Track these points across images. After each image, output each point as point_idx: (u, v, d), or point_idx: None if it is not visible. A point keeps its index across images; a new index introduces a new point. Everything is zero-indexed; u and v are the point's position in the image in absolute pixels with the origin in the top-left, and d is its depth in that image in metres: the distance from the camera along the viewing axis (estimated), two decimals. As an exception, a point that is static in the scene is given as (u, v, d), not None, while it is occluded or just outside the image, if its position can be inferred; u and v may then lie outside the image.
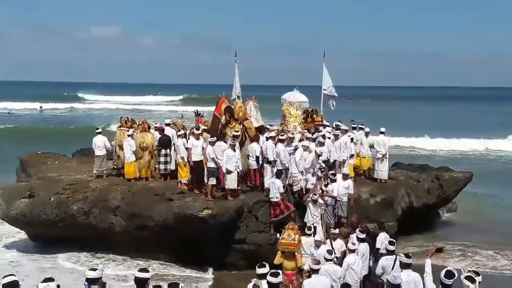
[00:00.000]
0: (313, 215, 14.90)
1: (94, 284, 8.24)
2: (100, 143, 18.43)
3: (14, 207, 17.10)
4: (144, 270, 8.15)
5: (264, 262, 9.41)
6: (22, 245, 18.24)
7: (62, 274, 14.96)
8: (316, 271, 10.11)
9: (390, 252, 11.38)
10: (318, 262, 10.46)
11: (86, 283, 8.27)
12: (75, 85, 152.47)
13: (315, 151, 16.14)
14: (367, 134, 18.85)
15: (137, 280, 7.92)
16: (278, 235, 14.09)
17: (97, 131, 18.97)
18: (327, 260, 11.10)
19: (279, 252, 12.71)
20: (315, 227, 14.18)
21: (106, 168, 18.69)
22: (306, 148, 16.05)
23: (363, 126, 19.36)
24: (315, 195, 15.01)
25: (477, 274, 8.49)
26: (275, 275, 8.37)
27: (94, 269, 8.45)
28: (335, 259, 11.78)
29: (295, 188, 16.13)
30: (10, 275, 7.84)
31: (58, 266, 16.46)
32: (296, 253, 12.69)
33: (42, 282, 8.02)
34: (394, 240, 11.83)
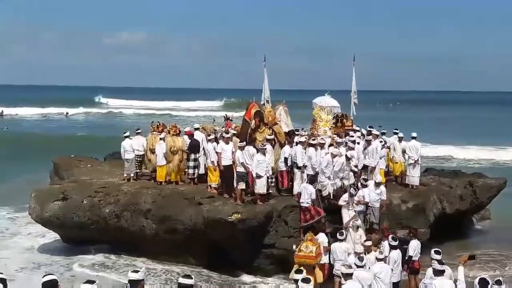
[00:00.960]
0: (355, 242, 14.29)
1: (136, 286, 8.22)
2: (128, 147, 18.70)
3: (47, 209, 17.39)
4: (188, 276, 8.03)
5: (301, 268, 9.30)
6: (55, 246, 18.54)
7: (93, 276, 15.09)
8: (350, 276, 9.99)
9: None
10: (349, 266, 10.36)
11: (127, 285, 8.26)
12: (105, 90, 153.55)
13: (346, 154, 16.01)
14: (400, 140, 18.64)
15: (181, 287, 7.81)
16: (294, 246, 13.85)
17: (124, 135, 19.23)
18: (357, 266, 11.00)
19: (295, 265, 12.26)
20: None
21: (135, 171, 18.89)
22: (334, 156, 15.96)
23: (397, 131, 19.15)
24: (357, 220, 14.67)
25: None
26: (307, 281, 8.29)
27: (137, 271, 8.44)
28: (367, 262, 11.65)
29: (324, 194, 16.03)
30: (49, 274, 7.89)
31: (89, 268, 16.70)
32: (315, 267, 12.22)
33: (83, 283, 7.91)
34: (439, 250, 11.62)
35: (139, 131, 19.61)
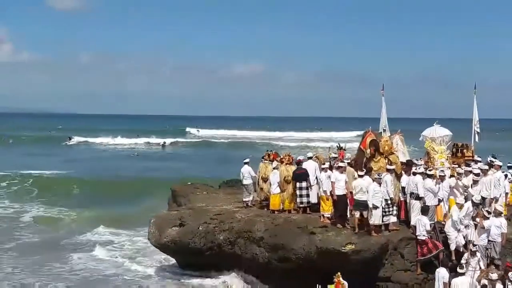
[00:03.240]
0: None
1: None
2: (246, 173, 19.28)
3: (165, 235, 18.23)
4: None
5: None
6: (172, 271, 19.39)
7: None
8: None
9: None
10: None
11: None
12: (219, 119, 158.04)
13: (472, 200, 15.24)
14: None
15: None
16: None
17: (244, 161, 19.76)
18: None
19: None
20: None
21: (252, 196, 19.36)
22: (460, 206, 15.16)
23: None
24: (493, 273, 13.33)
25: None
26: None
27: None
28: None
29: (452, 247, 15.10)
30: None
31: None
32: None
33: None
34: None
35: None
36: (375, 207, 15.60)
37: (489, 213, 15.08)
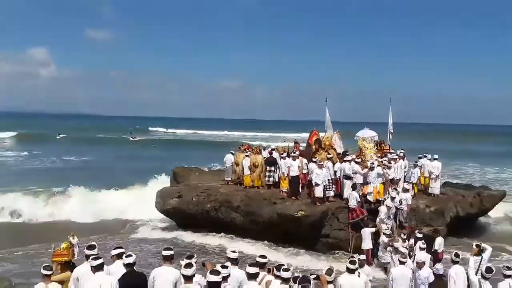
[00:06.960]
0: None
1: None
2: (228, 160, 19.80)
3: (168, 204, 18.64)
4: (169, 248, 7.12)
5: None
6: (172, 229, 19.47)
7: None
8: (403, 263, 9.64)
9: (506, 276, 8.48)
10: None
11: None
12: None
13: (386, 205, 15.02)
14: (431, 160, 18.63)
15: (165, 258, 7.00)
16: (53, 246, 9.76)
17: (230, 151, 20.17)
18: (400, 262, 10.04)
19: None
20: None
21: (231, 177, 19.78)
22: (389, 208, 14.74)
23: (426, 155, 19.05)
24: (397, 243, 12.94)
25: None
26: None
27: (234, 251, 7.91)
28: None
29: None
30: (168, 248, 7.15)
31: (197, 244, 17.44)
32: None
33: (185, 258, 7.20)
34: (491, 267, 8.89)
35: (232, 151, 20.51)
36: (317, 184, 16.04)
37: (395, 190, 15.75)
